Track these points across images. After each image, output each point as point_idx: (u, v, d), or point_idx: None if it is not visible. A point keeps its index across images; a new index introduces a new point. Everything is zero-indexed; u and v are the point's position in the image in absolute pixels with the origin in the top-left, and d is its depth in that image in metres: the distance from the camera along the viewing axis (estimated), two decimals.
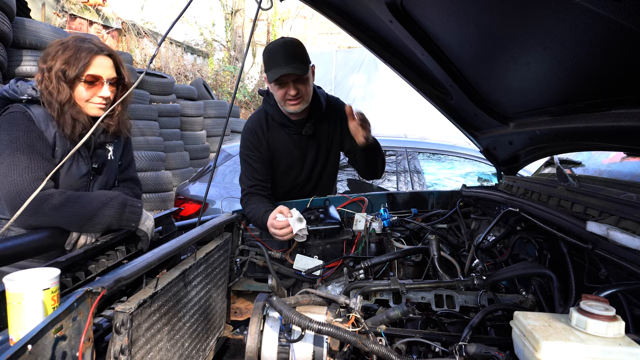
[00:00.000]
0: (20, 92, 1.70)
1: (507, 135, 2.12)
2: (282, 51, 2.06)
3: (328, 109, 2.34)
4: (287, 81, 2.07)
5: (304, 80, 2.11)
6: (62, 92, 1.67)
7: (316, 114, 2.28)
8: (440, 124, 4.16)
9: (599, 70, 1.27)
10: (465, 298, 1.48)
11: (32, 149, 1.63)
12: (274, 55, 2.07)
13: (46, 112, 1.70)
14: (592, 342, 0.83)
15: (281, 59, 2.04)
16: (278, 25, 19.39)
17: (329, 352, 1.25)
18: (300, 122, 2.25)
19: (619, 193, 1.35)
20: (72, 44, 1.71)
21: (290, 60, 2.04)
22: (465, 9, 1.40)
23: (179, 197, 4.17)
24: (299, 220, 1.91)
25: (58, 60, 1.68)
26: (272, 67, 2.07)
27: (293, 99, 2.11)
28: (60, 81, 1.67)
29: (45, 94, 1.68)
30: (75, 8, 9.25)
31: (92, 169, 1.84)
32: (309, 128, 2.27)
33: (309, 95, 2.18)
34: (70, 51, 1.69)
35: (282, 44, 2.09)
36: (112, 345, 1.04)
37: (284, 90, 2.10)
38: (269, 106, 2.28)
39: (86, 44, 1.73)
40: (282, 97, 2.12)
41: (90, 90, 1.74)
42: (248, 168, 2.27)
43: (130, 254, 1.78)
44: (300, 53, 2.10)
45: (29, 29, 4.64)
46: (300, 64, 2.07)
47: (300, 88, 2.10)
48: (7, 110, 1.68)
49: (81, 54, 1.69)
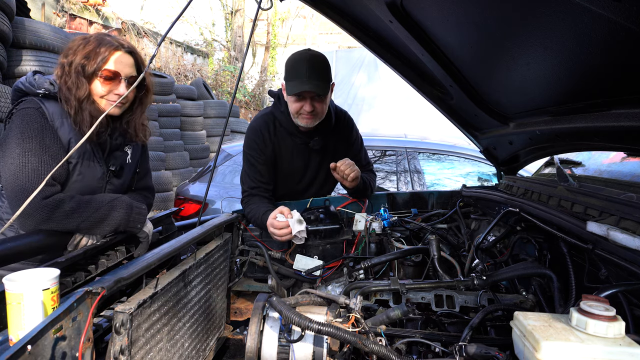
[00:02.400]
0: (38, 85, 1.64)
1: (507, 135, 2.12)
2: (307, 66, 2.01)
3: (336, 124, 2.33)
4: (306, 97, 2.04)
5: (322, 99, 2.07)
6: (80, 87, 1.62)
7: (325, 128, 2.26)
8: (440, 124, 4.17)
9: (599, 70, 1.27)
10: (465, 298, 1.48)
11: (43, 151, 1.58)
12: (298, 67, 2.03)
13: (62, 108, 1.64)
14: (593, 342, 0.83)
15: (304, 74, 1.99)
16: (278, 25, 19.39)
17: (329, 352, 1.25)
18: (308, 133, 2.22)
19: (619, 193, 1.35)
20: (93, 39, 1.67)
21: (314, 77, 2.00)
22: (465, 9, 1.40)
23: (179, 197, 4.17)
24: (299, 222, 1.91)
25: (78, 55, 1.63)
26: (293, 79, 2.02)
27: (307, 115, 2.08)
28: (80, 76, 1.63)
29: (64, 89, 1.63)
30: (75, 8, 9.25)
31: (109, 171, 1.78)
32: (317, 142, 2.24)
33: (324, 113, 2.15)
34: (90, 45, 1.65)
35: (309, 58, 2.04)
36: (112, 346, 1.04)
37: (300, 105, 2.06)
38: (278, 111, 2.23)
39: (108, 38, 1.69)
40: (297, 111, 2.09)
41: (107, 86, 1.67)
42: (251, 169, 2.24)
43: (129, 254, 1.78)
44: (324, 71, 2.06)
45: (28, 28, 4.63)
46: (323, 82, 2.03)
47: (317, 106, 2.07)
48: (21, 104, 1.62)
49: (101, 48, 1.65)
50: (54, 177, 1.57)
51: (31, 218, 1.53)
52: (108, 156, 1.79)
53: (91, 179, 1.74)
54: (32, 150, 1.56)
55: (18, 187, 1.54)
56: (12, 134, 1.58)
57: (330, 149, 2.32)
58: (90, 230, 1.66)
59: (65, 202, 1.59)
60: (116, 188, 1.85)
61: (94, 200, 1.68)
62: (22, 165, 1.54)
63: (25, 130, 1.57)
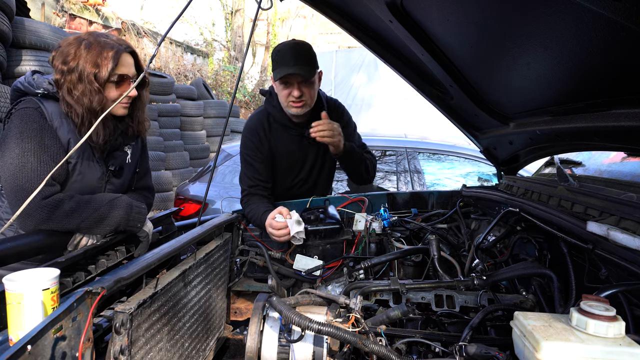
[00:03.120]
0: (36, 85, 1.62)
1: (507, 135, 2.12)
2: (291, 51, 2.07)
3: (329, 111, 2.34)
4: (292, 82, 2.07)
5: (309, 83, 2.11)
6: (93, 98, 1.58)
7: (317, 117, 2.28)
8: (440, 124, 4.16)
9: (599, 70, 1.27)
10: (465, 298, 1.48)
11: (42, 150, 1.57)
12: (283, 54, 2.08)
13: (61, 108, 1.62)
14: (593, 342, 0.83)
15: (289, 59, 2.04)
16: (278, 25, 19.38)
17: (329, 352, 1.25)
18: (302, 124, 2.25)
19: (620, 193, 1.35)
20: (94, 42, 1.61)
21: (298, 61, 2.04)
22: (465, 9, 1.40)
23: (178, 197, 4.17)
24: (297, 223, 1.90)
25: (83, 61, 1.57)
26: (279, 66, 2.07)
27: (296, 101, 2.10)
28: (93, 85, 1.58)
29: (69, 99, 1.58)
30: (75, 8, 9.25)
31: (109, 171, 1.78)
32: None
33: (313, 100, 2.18)
34: (94, 50, 1.59)
35: (293, 45, 2.10)
36: (112, 346, 1.04)
37: (288, 91, 2.09)
38: (271, 107, 2.27)
39: (107, 40, 1.64)
40: (286, 98, 2.12)
41: (119, 90, 1.66)
42: (249, 168, 2.26)
43: (129, 254, 1.78)
44: (308, 55, 2.11)
45: (28, 28, 4.63)
46: (308, 66, 2.07)
47: (305, 91, 2.10)
48: (20, 104, 1.61)
49: (108, 52, 1.60)
50: (54, 177, 1.56)
51: (31, 218, 1.53)
52: (107, 156, 1.79)
53: (91, 179, 1.73)
54: (31, 150, 1.55)
55: (17, 187, 1.54)
56: (11, 134, 1.57)
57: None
58: (90, 230, 1.66)
59: (65, 202, 1.59)
60: (116, 188, 1.84)
61: (94, 199, 1.67)
62: (22, 166, 1.54)
63: (24, 130, 1.56)
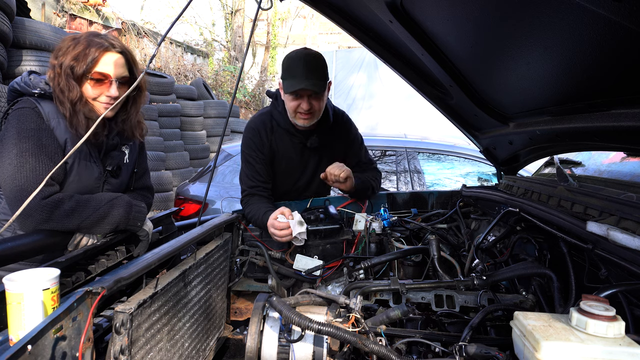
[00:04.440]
0: (33, 85, 1.63)
1: (507, 135, 2.12)
2: (303, 64, 2.03)
3: (334, 123, 2.33)
4: (303, 95, 2.06)
5: (319, 97, 2.09)
6: (72, 90, 1.60)
7: (323, 127, 2.27)
8: (440, 124, 4.17)
9: (599, 70, 1.27)
10: (465, 298, 1.48)
11: (40, 150, 1.57)
12: (295, 66, 2.05)
13: (57, 108, 1.63)
14: (592, 342, 0.83)
15: (301, 72, 2.01)
16: (278, 25, 19.39)
17: (329, 352, 1.25)
18: (305, 132, 2.23)
19: (619, 193, 1.35)
20: (83, 40, 1.64)
21: (310, 75, 2.02)
22: (465, 9, 1.40)
23: (179, 197, 4.17)
24: (299, 224, 1.91)
25: (68, 56, 1.61)
26: (290, 77, 2.04)
27: (305, 114, 2.09)
28: (70, 78, 1.60)
29: (57, 91, 1.61)
30: (75, 8, 9.25)
31: (106, 171, 1.78)
32: (314, 141, 2.24)
33: (321, 112, 2.16)
34: (80, 46, 1.62)
35: (305, 56, 2.06)
36: (112, 346, 1.04)
37: (297, 103, 2.07)
38: (276, 111, 2.25)
39: (98, 39, 1.66)
40: (294, 110, 2.10)
41: (97, 89, 1.66)
42: (250, 168, 2.25)
43: (129, 254, 1.78)
44: (321, 69, 2.08)
45: (29, 28, 4.63)
46: (319, 80, 2.05)
47: (314, 104, 2.08)
48: (17, 104, 1.62)
49: (90, 49, 1.62)
50: (52, 177, 1.56)
51: (31, 218, 1.53)
52: (105, 156, 1.79)
53: (88, 179, 1.73)
54: (29, 150, 1.55)
55: (16, 188, 1.53)
56: (9, 134, 1.57)
57: (328, 147, 2.33)
58: (90, 229, 1.66)
59: (65, 202, 1.59)
60: (114, 188, 1.84)
61: (94, 199, 1.68)
62: (20, 166, 1.54)
63: (21, 131, 1.56)
